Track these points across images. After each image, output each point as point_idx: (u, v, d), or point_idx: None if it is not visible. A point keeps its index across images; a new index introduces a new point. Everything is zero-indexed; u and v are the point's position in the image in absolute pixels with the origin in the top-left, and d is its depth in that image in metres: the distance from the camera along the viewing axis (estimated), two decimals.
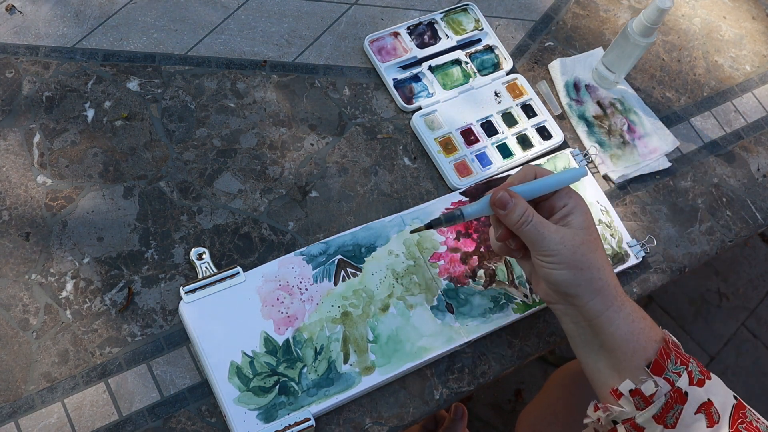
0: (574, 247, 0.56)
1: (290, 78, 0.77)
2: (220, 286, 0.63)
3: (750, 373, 1.60)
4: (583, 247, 0.56)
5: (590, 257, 0.56)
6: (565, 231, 0.57)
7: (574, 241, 0.56)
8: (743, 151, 0.86)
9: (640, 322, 0.57)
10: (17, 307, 0.61)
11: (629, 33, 0.76)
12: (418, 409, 0.64)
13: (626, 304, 0.58)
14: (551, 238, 0.56)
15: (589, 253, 0.56)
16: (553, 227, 0.57)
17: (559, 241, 0.56)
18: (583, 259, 0.56)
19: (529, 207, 0.57)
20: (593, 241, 0.57)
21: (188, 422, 0.59)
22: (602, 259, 0.57)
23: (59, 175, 0.67)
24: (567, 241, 0.56)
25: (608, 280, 0.57)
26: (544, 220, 0.57)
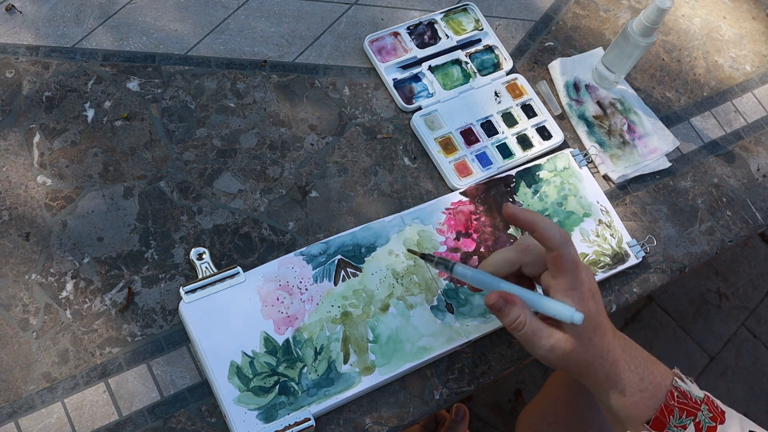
0: (563, 355, 0.56)
1: (290, 78, 0.77)
2: (220, 286, 0.63)
3: (750, 373, 1.60)
4: (573, 354, 0.56)
5: (579, 359, 0.56)
6: (557, 338, 0.56)
7: (565, 349, 0.56)
8: (743, 151, 0.86)
9: (635, 395, 0.56)
10: (17, 307, 0.61)
11: (629, 33, 0.76)
12: (418, 409, 0.64)
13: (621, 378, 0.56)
14: (541, 345, 0.56)
15: (579, 357, 0.56)
16: (545, 332, 0.56)
17: (549, 349, 0.56)
18: (572, 363, 0.57)
19: (522, 312, 0.56)
20: (586, 343, 0.56)
21: (188, 422, 0.60)
22: (595, 353, 0.56)
23: (59, 175, 0.67)
24: (557, 349, 0.56)
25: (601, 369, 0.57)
26: (537, 325, 0.56)
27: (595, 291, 0.57)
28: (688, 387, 0.57)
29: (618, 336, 0.58)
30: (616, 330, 0.58)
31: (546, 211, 0.74)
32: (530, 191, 0.74)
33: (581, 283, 0.55)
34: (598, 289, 0.57)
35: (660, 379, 0.57)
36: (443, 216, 0.71)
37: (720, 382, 1.58)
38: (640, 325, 1.58)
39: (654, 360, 0.58)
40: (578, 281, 0.55)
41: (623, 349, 0.57)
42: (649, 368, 0.57)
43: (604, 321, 0.57)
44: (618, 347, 0.57)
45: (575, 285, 0.55)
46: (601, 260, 0.72)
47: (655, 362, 0.58)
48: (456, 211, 0.72)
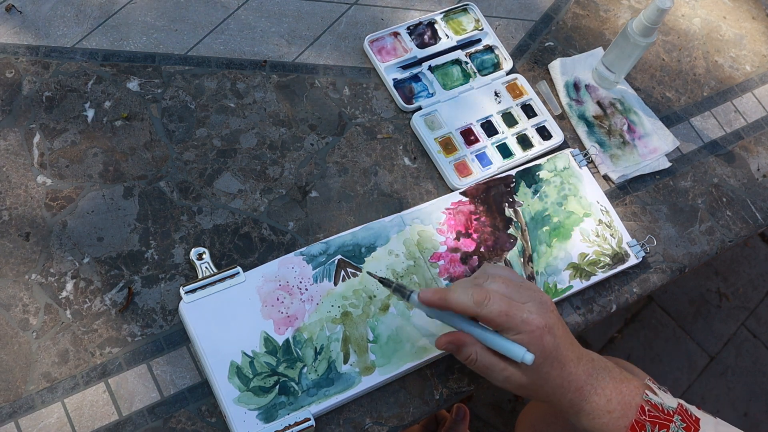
0: (519, 386, 0.57)
1: (290, 78, 0.77)
2: (220, 286, 0.63)
3: (750, 373, 1.60)
4: (530, 386, 0.57)
5: (539, 390, 0.57)
6: (511, 371, 0.57)
7: (520, 382, 0.57)
8: (743, 151, 0.86)
9: (604, 416, 0.56)
10: (17, 307, 0.61)
11: (629, 33, 0.76)
12: (418, 409, 0.64)
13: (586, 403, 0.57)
14: (496, 377, 0.58)
15: (537, 389, 0.57)
16: (499, 365, 0.57)
17: (504, 381, 0.57)
18: (530, 393, 0.58)
19: (473, 350, 0.57)
20: (543, 377, 0.56)
21: (188, 422, 0.59)
22: (554, 384, 0.57)
23: (59, 175, 0.67)
24: (512, 381, 0.57)
25: (563, 398, 0.57)
26: (491, 359, 0.57)
27: (552, 325, 0.56)
28: (660, 399, 0.57)
29: (583, 361, 0.58)
30: (582, 355, 0.58)
31: (546, 211, 0.74)
32: (530, 191, 0.74)
33: (527, 324, 0.55)
34: (557, 320, 0.57)
35: (629, 397, 0.57)
36: (443, 216, 0.71)
37: (720, 382, 1.58)
38: (640, 325, 1.58)
39: (624, 377, 0.58)
40: (522, 325, 0.55)
41: (588, 374, 0.57)
42: (617, 388, 0.57)
43: (565, 353, 0.57)
44: (582, 374, 0.57)
45: (520, 329, 0.55)
46: (601, 260, 0.72)
47: (624, 380, 0.58)
48: (456, 211, 0.72)
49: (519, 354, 0.55)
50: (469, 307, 0.56)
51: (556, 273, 0.71)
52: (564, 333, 0.57)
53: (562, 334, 0.57)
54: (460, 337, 0.58)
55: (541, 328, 0.55)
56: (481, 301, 0.56)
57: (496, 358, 0.57)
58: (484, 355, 0.57)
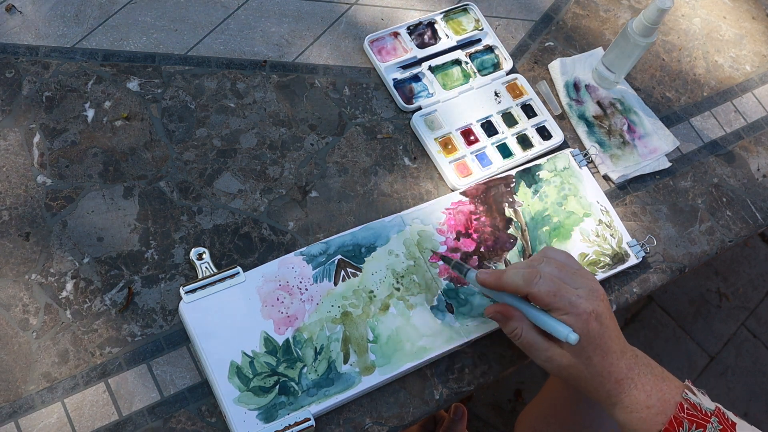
0: (560, 368, 0.58)
1: (290, 78, 0.77)
2: (220, 286, 0.63)
3: (750, 373, 1.60)
4: (570, 368, 0.58)
5: (578, 375, 0.58)
6: (554, 351, 0.58)
7: (562, 363, 0.58)
8: (743, 151, 0.86)
9: (642, 411, 0.57)
10: (17, 307, 0.61)
11: (629, 33, 0.76)
12: (418, 409, 0.64)
13: (625, 396, 0.57)
14: (539, 354, 0.59)
15: (576, 372, 0.58)
16: (543, 344, 0.59)
17: (546, 360, 0.59)
18: (569, 376, 0.59)
19: (519, 325, 0.59)
20: (584, 362, 0.57)
21: (188, 422, 0.60)
22: (594, 371, 0.58)
23: (59, 175, 0.67)
24: (554, 361, 0.58)
25: (602, 388, 0.58)
26: (535, 337, 0.59)
27: (601, 313, 0.58)
28: (699, 399, 0.58)
29: (627, 355, 0.58)
30: (626, 349, 0.59)
31: (546, 211, 0.74)
32: (530, 191, 0.74)
33: (575, 307, 0.57)
34: (607, 310, 0.59)
35: (669, 395, 0.57)
36: (443, 216, 0.71)
37: (720, 382, 1.58)
38: (640, 325, 1.58)
39: (666, 376, 0.59)
40: (569, 306, 0.57)
41: (630, 368, 0.58)
42: (657, 385, 0.58)
43: (610, 343, 0.58)
44: (624, 367, 0.58)
45: (567, 310, 0.57)
46: (601, 260, 0.72)
47: (666, 379, 0.59)
48: (456, 211, 0.72)
49: (563, 333, 0.56)
50: (519, 285, 0.58)
51: None
52: (611, 324, 0.59)
53: (609, 325, 0.58)
54: (509, 310, 0.60)
55: (588, 312, 0.57)
56: (531, 279, 0.58)
57: (540, 336, 0.59)
58: (530, 331, 0.59)
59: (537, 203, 0.74)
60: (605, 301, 0.59)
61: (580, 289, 0.58)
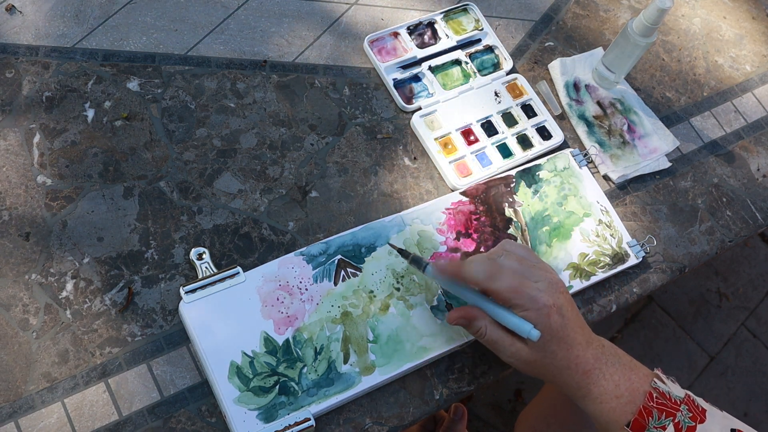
0: (526, 363, 0.59)
1: (290, 78, 0.77)
2: (220, 286, 0.63)
3: (750, 373, 1.60)
4: (536, 364, 0.58)
5: (544, 370, 0.58)
6: (518, 347, 0.58)
7: (527, 359, 0.58)
8: (743, 151, 0.86)
9: (611, 401, 0.57)
10: (17, 307, 0.61)
11: (629, 33, 0.76)
12: (418, 409, 0.64)
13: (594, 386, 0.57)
14: (503, 351, 0.59)
15: (542, 367, 0.58)
16: (507, 341, 0.58)
17: (511, 356, 0.59)
18: (536, 371, 0.59)
19: (483, 324, 0.59)
20: (548, 356, 0.57)
21: (188, 422, 0.60)
22: (561, 365, 0.57)
23: (59, 175, 0.67)
24: (520, 357, 0.58)
25: (570, 379, 0.58)
26: (499, 334, 0.59)
27: (562, 305, 0.57)
28: (668, 387, 0.57)
29: (593, 346, 0.58)
30: (592, 340, 0.59)
31: (546, 211, 0.74)
32: (530, 191, 0.74)
33: (535, 301, 0.57)
34: (567, 302, 0.58)
35: (638, 384, 0.57)
36: (443, 216, 0.71)
37: (720, 382, 1.58)
38: (640, 325, 1.58)
39: (634, 365, 0.59)
40: (530, 302, 0.57)
41: (597, 359, 0.58)
42: (626, 375, 0.57)
43: (573, 335, 0.57)
44: (591, 358, 0.57)
45: (528, 306, 0.57)
46: (601, 260, 0.72)
47: (634, 368, 0.58)
48: (456, 211, 0.72)
49: (525, 329, 0.57)
50: (480, 280, 0.58)
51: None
52: (574, 316, 0.58)
53: (571, 317, 0.58)
54: (471, 312, 0.60)
55: (548, 306, 0.56)
56: (492, 275, 0.57)
57: (504, 333, 0.59)
58: (493, 329, 0.59)
59: (537, 203, 0.74)
60: (565, 293, 0.59)
61: (540, 283, 0.58)
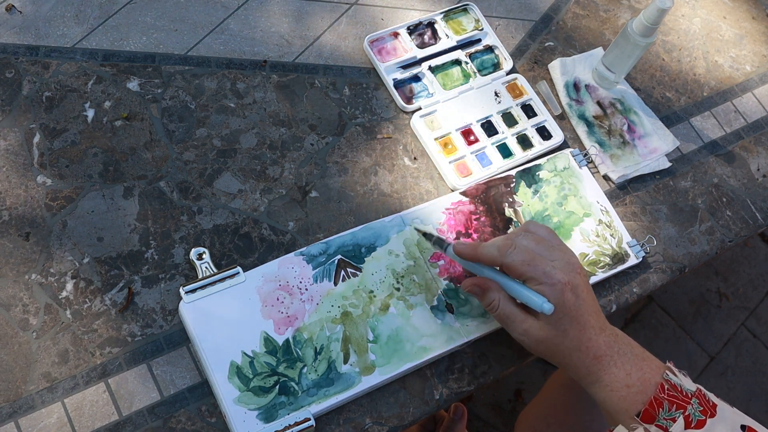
0: (537, 341, 0.58)
1: (290, 78, 0.77)
2: (220, 286, 0.63)
3: (750, 373, 1.60)
4: (547, 341, 0.58)
5: (555, 349, 0.58)
6: (530, 323, 0.58)
7: (539, 336, 0.58)
8: (743, 151, 0.86)
9: (622, 390, 0.57)
10: (17, 307, 0.61)
11: (629, 33, 0.76)
12: (418, 409, 0.64)
13: (605, 373, 0.57)
14: (515, 327, 0.59)
15: (553, 346, 0.58)
16: (520, 316, 0.59)
17: (523, 333, 0.59)
18: (547, 350, 0.59)
19: (497, 297, 0.60)
20: (560, 334, 0.57)
21: (188, 422, 0.60)
22: (572, 345, 0.58)
23: (59, 175, 0.67)
24: (531, 334, 0.58)
25: (581, 363, 0.58)
26: (512, 309, 0.59)
27: (576, 285, 0.58)
28: (680, 380, 0.57)
29: (606, 333, 0.58)
30: (605, 327, 0.59)
31: (546, 211, 0.74)
32: (530, 191, 0.74)
33: (549, 276, 0.57)
34: (584, 285, 0.59)
35: (650, 375, 0.57)
36: (443, 216, 0.71)
37: (720, 382, 1.58)
38: (640, 325, 1.58)
39: (646, 356, 0.59)
40: (543, 276, 0.57)
41: (609, 346, 0.58)
42: (638, 365, 0.57)
43: (587, 317, 0.58)
44: (603, 344, 0.58)
45: (541, 280, 0.57)
46: (601, 260, 0.72)
47: (646, 358, 0.58)
48: (456, 211, 0.72)
49: (538, 303, 0.56)
50: (494, 255, 0.59)
51: None
52: (589, 298, 0.59)
53: (586, 298, 0.58)
54: (486, 282, 0.61)
55: (563, 283, 0.57)
56: (505, 250, 0.58)
57: (517, 308, 0.59)
58: (506, 304, 0.59)
59: (537, 203, 0.74)
60: (582, 275, 0.59)
61: (557, 261, 0.58)
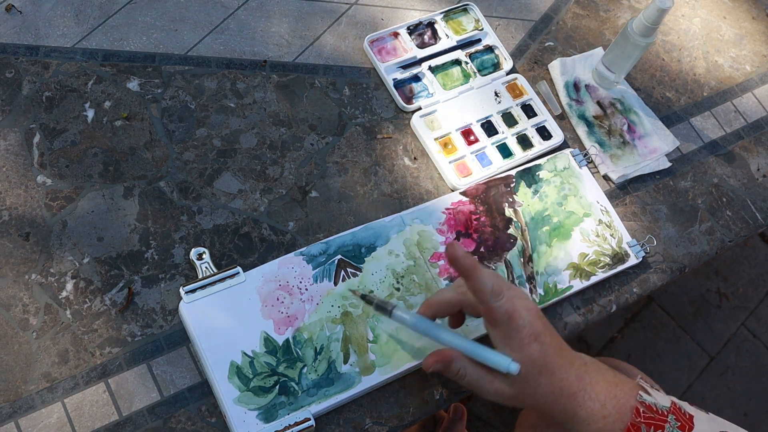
0: (511, 397, 0.57)
1: (290, 78, 0.77)
2: (220, 286, 0.63)
3: (750, 373, 1.60)
4: (520, 396, 0.57)
5: (530, 400, 0.57)
6: (499, 383, 0.57)
7: (510, 393, 0.57)
8: (743, 151, 0.86)
9: (599, 422, 0.56)
10: (17, 307, 0.61)
11: (629, 33, 0.76)
12: (418, 409, 0.64)
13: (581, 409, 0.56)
14: (485, 390, 0.57)
15: (528, 398, 0.57)
16: (488, 378, 0.57)
17: (494, 393, 0.57)
18: (522, 403, 0.58)
19: (461, 366, 0.57)
20: (532, 386, 0.56)
21: (188, 422, 0.60)
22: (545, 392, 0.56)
23: (59, 175, 0.67)
24: (503, 393, 0.57)
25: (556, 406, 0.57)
26: (479, 373, 0.57)
27: (539, 332, 0.55)
28: (654, 399, 0.57)
29: (575, 366, 0.57)
30: (573, 360, 0.57)
31: (546, 211, 0.74)
32: (530, 191, 0.74)
33: (518, 331, 0.55)
34: (545, 327, 0.56)
35: (624, 400, 0.56)
36: (443, 216, 0.71)
37: (720, 382, 1.58)
38: (640, 325, 1.58)
39: (618, 380, 0.58)
40: (514, 330, 0.55)
41: (581, 379, 0.56)
42: (611, 392, 0.56)
43: (553, 359, 0.56)
44: (574, 380, 0.56)
45: (511, 334, 0.55)
46: (601, 260, 0.72)
47: (618, 383, 0.57)
48: (456, 211, 0.72)
49: (504, 364, 0.55)
50: (486, 291, 0.55)
51: (556, 273, 0.71)
52: (552, 340, 0.57)
53: (549, 341, 0.56)
54: (447, 354, 0.58)
55: (532, 334, 0.55)
56: (500, 291, 0.55)
57: (483, 371, 0.57)
58: (472, 369, 0.57)
59: (537, 203, 0.74)
60: (542, 318, 0.57)
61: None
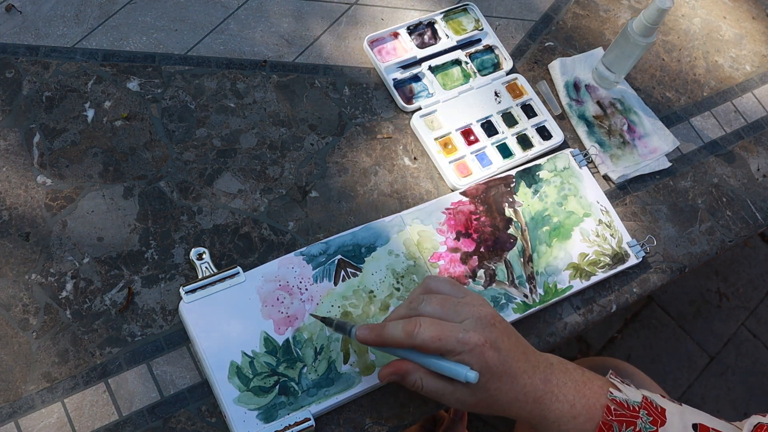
0: (474, 405, 0.56)
1: (290, 78, 0.77)
2: (220, 286, 0.63)
3: (750, 373, 1.60)
4: (483, 403, 0.56)
5: (494, 407, 0.56)
6: (461, 392, 0.55)
7: (472, 401, 0.55)
8: (743, 151, 0.86)
9: (569, 423, 0.55)
10: (17, 307, 0.61)
11: (629, 33, 0.76)
12: (418, 409, 0.64)
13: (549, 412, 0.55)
14: (447, 399, 0.56)
15: (491, 405, 0.56)
16: (448, 388, 0.55)
17: (456, 402, 0.56)
18: (487, 410, 0.56)
19: (417, 377, 0.56)
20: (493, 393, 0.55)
21: (188, 422, 0.60)
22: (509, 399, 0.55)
23: (59, 175, 0.67)
24: (465, 401, 0.56)
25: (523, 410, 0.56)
26: (437, 384, 0.55)
27: (495, 340, 0.54)
28: (624, 395, 0.56)
29: (540, 369, 0.56)
30: (538, 363, 0.56)
31: (546, 211, 0.74)
32: (530, 191, 0.74)
33: (464, 344, 0.53)
34: (502, 334, 0.55)
35: (593, 399, 0.55)
36: (443, 216, 0.71)
37: (720, 382, 1.58)
38: (640, 325, 1.58)
39: (586, 379, 0.57)
40: (459, 345, 0.53)
41: (547, 381, 0.55)
42: (580, 391, 0.56)
43: (515, 365, 0.55)
44: (540, 383, 0.55)
45: (458, 350, 0.54)
46: (601, 260, 0.72)
47: (587, 381, 0.57)
48: (456, 211, 0.72)
49: (462, 374, 0.54)
50: (401, 339, 0.55)
51: (556, 273, 0.71)
52: (512, 345, 0.55)
53: (508, 347, 0.55)
54: (402, 366, 0.57)
55: (480, 345, 0.53)
56: (411, 331, 0.54)
57: (442, 381, 0.55)
58: (429, 380, 0.56)
59: (537, 203, 0.74)
60: (498, 324, 0.55)
61: (467, 321, 0.54)
